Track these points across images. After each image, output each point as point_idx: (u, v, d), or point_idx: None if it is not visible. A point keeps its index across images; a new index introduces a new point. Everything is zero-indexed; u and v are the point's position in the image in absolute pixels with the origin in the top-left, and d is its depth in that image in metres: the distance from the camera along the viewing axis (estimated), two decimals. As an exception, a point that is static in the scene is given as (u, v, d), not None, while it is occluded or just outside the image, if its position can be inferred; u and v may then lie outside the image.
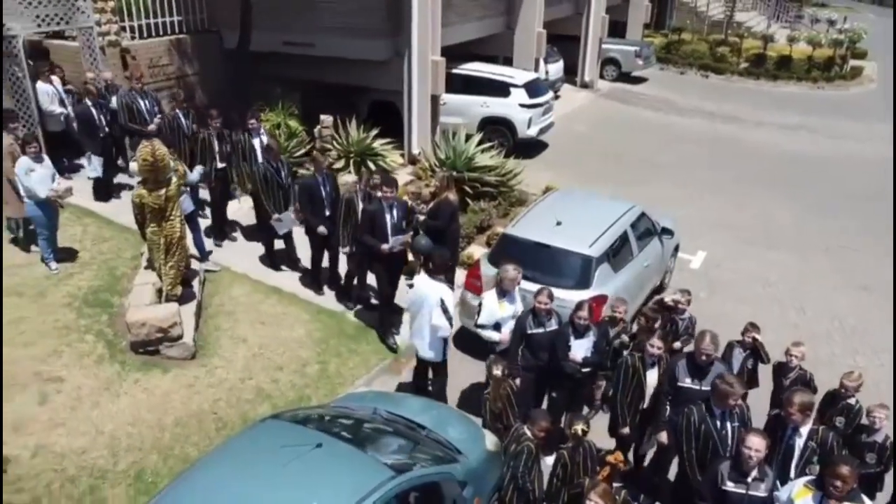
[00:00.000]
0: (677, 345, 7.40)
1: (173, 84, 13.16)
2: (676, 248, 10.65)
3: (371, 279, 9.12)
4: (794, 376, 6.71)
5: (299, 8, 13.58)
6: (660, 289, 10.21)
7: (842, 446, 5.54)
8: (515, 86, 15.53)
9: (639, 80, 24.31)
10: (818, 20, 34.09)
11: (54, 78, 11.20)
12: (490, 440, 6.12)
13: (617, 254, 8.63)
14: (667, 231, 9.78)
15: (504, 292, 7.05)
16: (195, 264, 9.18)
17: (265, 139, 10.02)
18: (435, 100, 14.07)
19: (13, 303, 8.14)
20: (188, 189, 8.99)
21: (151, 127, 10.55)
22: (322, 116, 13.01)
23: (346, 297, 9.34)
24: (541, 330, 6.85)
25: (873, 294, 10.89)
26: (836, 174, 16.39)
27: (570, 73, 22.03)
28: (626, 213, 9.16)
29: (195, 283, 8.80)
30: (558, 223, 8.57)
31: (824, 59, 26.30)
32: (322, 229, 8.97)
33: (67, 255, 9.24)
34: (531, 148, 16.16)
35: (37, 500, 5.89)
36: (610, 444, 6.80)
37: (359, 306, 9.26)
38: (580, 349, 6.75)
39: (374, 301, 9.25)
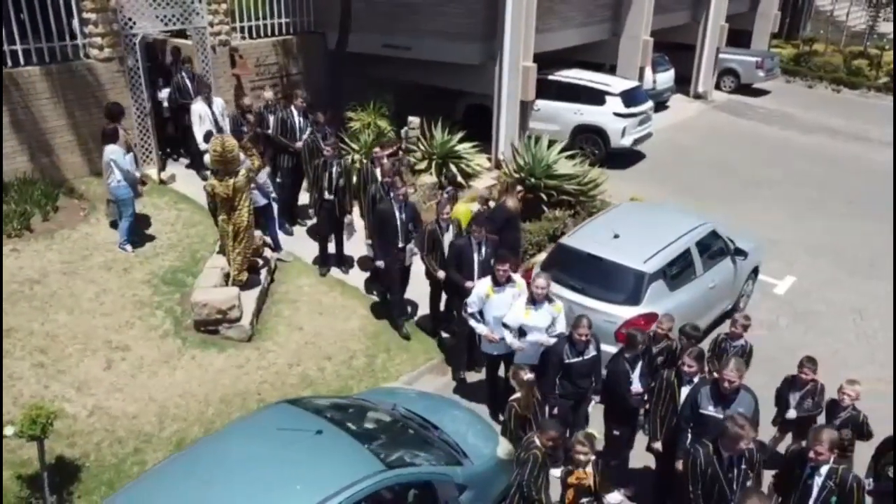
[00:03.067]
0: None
1: (276, 82, 13.93)
2: (755, 271, 10.06)
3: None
4: (846, 416, 6.20)
5: (399, 12, 13.95)
6: (732, 312, 9.68)
7: (863, 489, 5.09)
8: (611, 94, 15.16)
9: (760, 93, 22.97)
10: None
11: (217, 99, 11.30)
12: (503, 448, 6.10)
13: (677, 272, 8.30)
14: (740, 252, 9.24)
15: (533, 300, 6.95)
16: (268, 253, 9.71)
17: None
18: (524, 105, 14.02)
19: (101, 276, 8.95)
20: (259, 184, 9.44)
21: (298, 144, 10.64)
22: (410, 118, 13.27)
23: (438, 324, 9.09)
24: (579, 359, 6.69)
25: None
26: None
27: (684, 83, 21.22)
28: (694, 229, 8.78)
29: (263, 271, 9.29)
30: (616, 236, 8.36)
31: (980, 75, 23.77)
32: (380, 263, 8.71)
33: (159, 236, 10.01)
34: (626, 158, 15.73)
35: (85, 455, 6.49)
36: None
37: (447, 335, 8.88)
38: (637, 380, 6.53)
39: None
